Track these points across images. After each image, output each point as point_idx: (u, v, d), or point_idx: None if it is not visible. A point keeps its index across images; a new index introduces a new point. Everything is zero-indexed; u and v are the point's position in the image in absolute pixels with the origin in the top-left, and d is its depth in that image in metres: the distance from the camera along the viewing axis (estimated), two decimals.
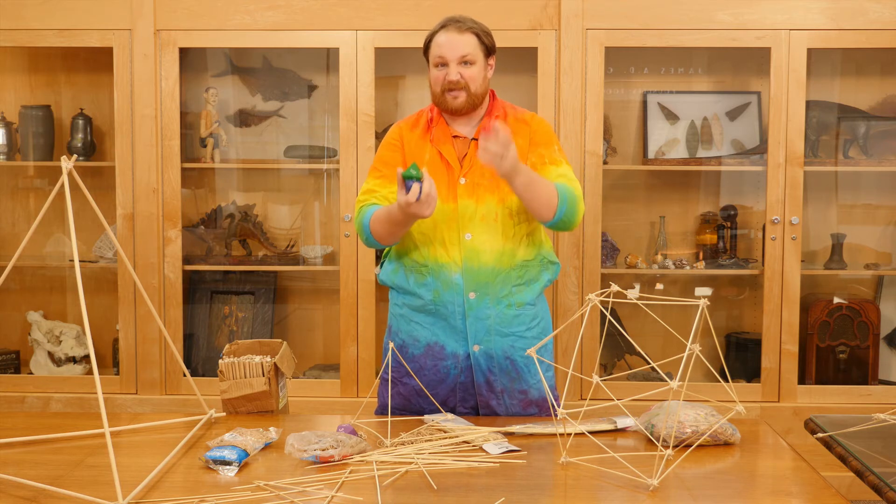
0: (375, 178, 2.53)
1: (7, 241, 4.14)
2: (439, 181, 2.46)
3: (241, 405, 2.45)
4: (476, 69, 2.45)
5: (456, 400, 2.54)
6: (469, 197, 2.45)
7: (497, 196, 2.45)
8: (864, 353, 3.93)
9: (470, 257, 2.45)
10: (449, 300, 2.47)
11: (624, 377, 3.86)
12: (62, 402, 3.84)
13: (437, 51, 2.45)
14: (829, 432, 2.28)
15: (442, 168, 2.48)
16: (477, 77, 2.45)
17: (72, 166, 2.05)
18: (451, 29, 2.45)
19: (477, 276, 2.45)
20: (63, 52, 4.05)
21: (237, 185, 4.19)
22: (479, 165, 2.46)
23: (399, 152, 2.53)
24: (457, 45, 2.43)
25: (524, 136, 2.51)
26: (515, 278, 2.49)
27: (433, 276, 2.48)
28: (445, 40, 2.44)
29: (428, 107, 2.58)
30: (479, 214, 2.45)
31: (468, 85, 2.44)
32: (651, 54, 4.03)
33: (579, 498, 1.89)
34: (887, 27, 3.66)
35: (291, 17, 3.73)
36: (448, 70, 2.44)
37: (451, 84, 2.44)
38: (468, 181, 2.46)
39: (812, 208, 4.05)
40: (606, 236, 3.94)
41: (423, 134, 2.53)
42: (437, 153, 2.49)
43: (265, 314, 4.10)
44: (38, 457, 2.11)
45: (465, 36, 2.44)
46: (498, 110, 2.53)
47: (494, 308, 2.48)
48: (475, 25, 2.47)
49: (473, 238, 2.44)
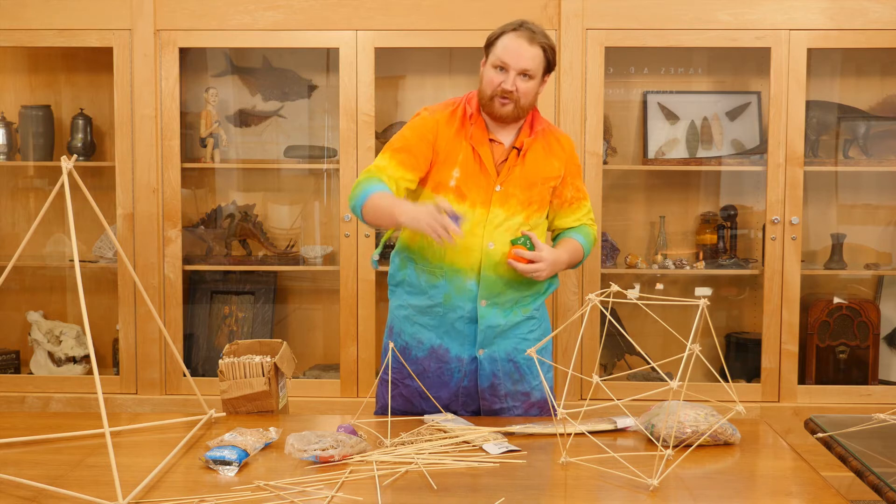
0: (393, 159, 2.41)
1: (7, 241, 4.14)
2: (471, 182, 2.42)
3: (241, 405, 2.45)
4: (532, 84, 2.41)
5: (458, 405, 2.53)
6: (501, 206, 2.42)
7: (527, 212, 2.45)
8: (864, 353, 3.93)
9: (488, 266, 2.42)
10: (459, 304, 2.45)
11: (624, 377, 3.86)
12: (62, 402, 3.84)
13: (501, 53, 2.38)
14: (829, 432, 2.28)
15: (476, 169, 2.43)
16: (531, 92, 2.41)
17: (72, 166, 2.05)
18: (523, 36, 2.38)
19: (492, 285, 2.44)
20: (63, 52, 4.05)
21: (237, 185, 4.19)
22: (515, 176, 2.44)
23: (429, 146, 2.43)
24: (523, 56, 2.37)
25: (560, 158, 2.52)
26: (526, 288, 2.49)
27: (447, 279, 2.45)
28: (514, 46, 2.38)
29: (464, 98, 2.49)
30: (505, 225, 2.42)
31: (519, 98, 2.40)
32: (651, 54, 4.03)
33: (579, 498, 1.89)
34: (887, 27, 3.66)
35: (291, 17, 3.73)
36: (506, 77, 2.38)
37: (505, 92, 2.38)
38: (503, 190, 2.43)
39: (812, 208, 4.05)
40: (606, 236, 3.94)
41: (459, 130, 2.45)
42: (473, 153, 2.43)
43: (265, 314, 4.10)
44: (38, 457, 2.11)
45: (534, 49, 2.38)
46: (539, 124, 2.50)
47: (502, 316, 2.47)
48: (545, 40, 2.41)
49: (496, 248, 2.42)
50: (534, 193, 2.46)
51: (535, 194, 2.47)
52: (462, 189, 2.42)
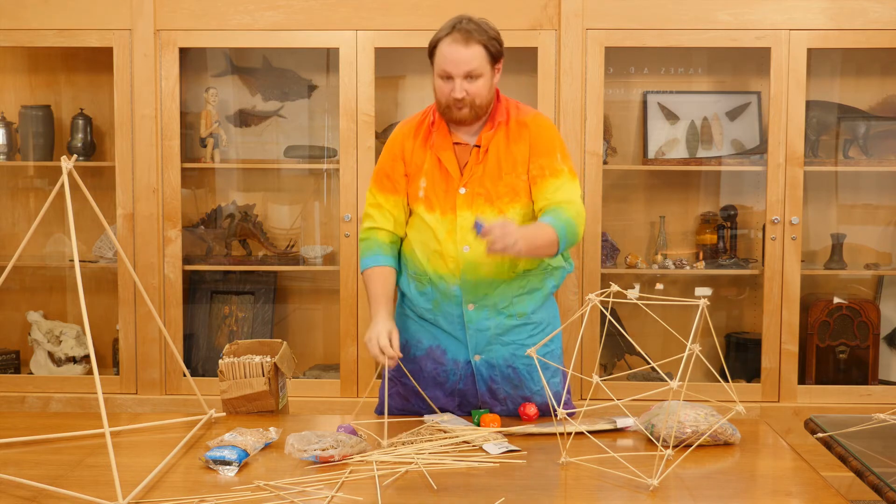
0: (381, 191, 2.49)
1: (7, 241, 4.14)
2: (438, 189, 2.43)
3: (241, 405, 2.45)
4: (482, 82, 2.37)
5: (454, 405, 2.53)
6: (468, 208, 2.40)
7: (496, 207, 2.40)
8: (864, 353, 3.93)
9: (468, 270, 2.40)
10: (448, 311, 2.45)
11: (624, 377, 3.86)
12: (62, 402, 3.84)
13: (441, 62, 2.36)
14: (829, 432, 2.28)
15: (441, 176, 2.43)
16: (482, 90, 2.37)
17: (72, 166, 2.05)
18: (458, 40, 2.34)
19: (476, 288, 2.42)
20: (63, 52, 4.05)
21: (237, 185, 4.19)
22: (478, 175, 2.41)
23: (401, 163, 2.48)
24: (461, 60, 2.33)
25: (524, 140, 2.43)
26: (517, 288, 2.45)
27: (432, 285, 2.45)
28: (450, 54, 2.34)
29: (431, 106, 2.50)
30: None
31: (473, 100, 2.37)
32: (651, 54, 4.03)
33: (579, 498, 1.89)
34: (887, 27, 3.66)
35: (291, 17, 3.73)
36: (453, 86, 2.35)
37: (455, 100, 2.36)
38: (468, 191, 2.41)
39: (812, 208, 4.05)
40: (606, 236, 3.94)
41: (424, 140, 2.47)
42: (437, 160, 2.44)
43: (265, 314, 4.10)
44: (38, 457, 2.11)
45: (471, 49, 2.34)
46: (500, 115, 2.44)
47: (494, 319, 2.45)
48: (482, 35, 2.36)
49: (472, 250, 2.39)
50: (501, 186, 2.41)
51: (504, 186, 2.41)
52: (430, 198, 2.43)
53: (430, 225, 2.42)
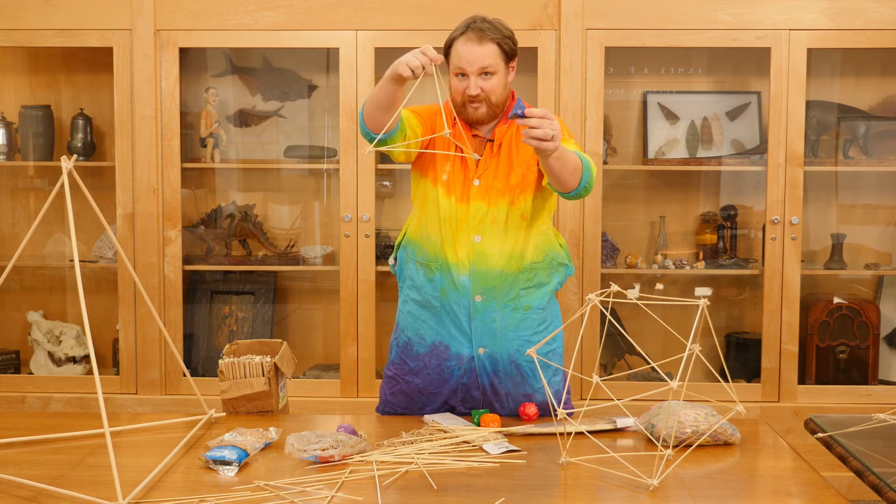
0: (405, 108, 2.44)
1: (7, 241, 4.14)
2: (457, 178, 2.46)
3: (241, 405, 2.45)
4: (496, 79, 2.41)
5: (457, 400, 2.54)
6: (482, 199, 2.44)
7: (508, 198, 2.44)
8: (864, 353, 3.93)
9: (478, 260, 2.44)
10: (455, 300, 2.47)
11: (624, 377, 3.86)
12: (62, 402, 3.84)
13: (456, 60, 2.41)
14: (829, 432, 2.28)
15: (460, 166, 2.47)
16: (497, 87, 2.41)
17: (72, 166, 2.05)
18: (472, 38, 2.38)
19: (484, 279, 2.45)
20: (63, 52, 4.05)
21: (237, 185, 4.19)
22: (493, 168, 2.45)
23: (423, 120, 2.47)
24: (476, 58, 2.37)
25: None
26: (524, 281, 2.48)
27: (441, 273, 2.48)
28: (465, 52, 2.38)
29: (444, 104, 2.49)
30: (489, 217, 2.44)
31: (489, 97, 2.41)
32: (651, 54, 4.03)
33: (579, 498, 1.89)
34: (887, 27, 3.66)
35: (291, 17, 3.73)
36: (468, 83, 2.40)
37: (471, 97, 2.40)
38: (482, 183, 2.45)
39: (812, 208, 4.05)
40: (606, 236, 3.94)
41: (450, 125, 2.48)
42: (458, 150, 2.46)
43: (265, 314, 4.10)
44: (38, 457, 2.11)
45: (486, 47, 2.38)
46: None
47: (500, 311, 2.47)
48: (496, 34, 2.40)
49: (483, 241, 2.44)
50: (513, 177, 2.45)
51: (516, 177, 2.45)
52: (451, 184, 2.47)
53: (446, 210, 2.45)
